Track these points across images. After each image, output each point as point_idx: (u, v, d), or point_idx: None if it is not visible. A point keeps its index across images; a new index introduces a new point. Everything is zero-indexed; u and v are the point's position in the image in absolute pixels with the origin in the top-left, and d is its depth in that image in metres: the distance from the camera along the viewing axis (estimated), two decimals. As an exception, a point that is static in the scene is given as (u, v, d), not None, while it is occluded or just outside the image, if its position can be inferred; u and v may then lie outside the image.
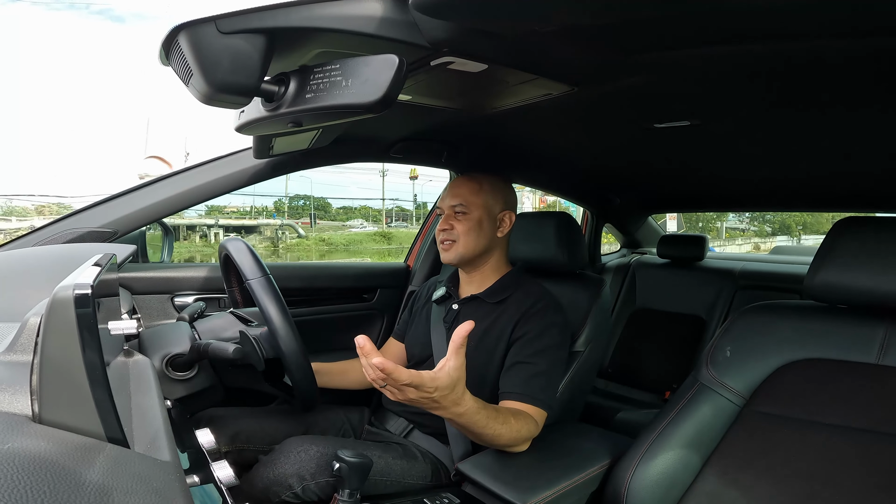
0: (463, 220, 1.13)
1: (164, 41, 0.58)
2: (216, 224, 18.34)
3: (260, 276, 0.91)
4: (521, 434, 0.92)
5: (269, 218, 23.14)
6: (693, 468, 0.86)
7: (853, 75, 0.77)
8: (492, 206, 1.15)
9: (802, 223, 24.06)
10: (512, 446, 0.93)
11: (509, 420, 0.90)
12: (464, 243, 1.13)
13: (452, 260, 1.15)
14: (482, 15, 0.64)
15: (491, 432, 0.87)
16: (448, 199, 1.16)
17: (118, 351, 0.68)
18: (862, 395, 0.79)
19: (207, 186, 1.24)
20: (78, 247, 1.07)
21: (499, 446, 0.92)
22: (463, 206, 1.14)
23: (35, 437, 0.35)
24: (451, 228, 1.14)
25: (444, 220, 1.16)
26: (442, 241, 1.15)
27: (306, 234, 18.36)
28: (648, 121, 1.12)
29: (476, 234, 1.13)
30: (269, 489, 0.92)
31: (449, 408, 0.80)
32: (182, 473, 0.43)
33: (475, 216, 1.13)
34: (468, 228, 1.13)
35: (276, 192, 27.53)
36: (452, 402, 0.79)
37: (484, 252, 1.16)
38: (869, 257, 0.80)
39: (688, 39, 0.69)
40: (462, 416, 0.82)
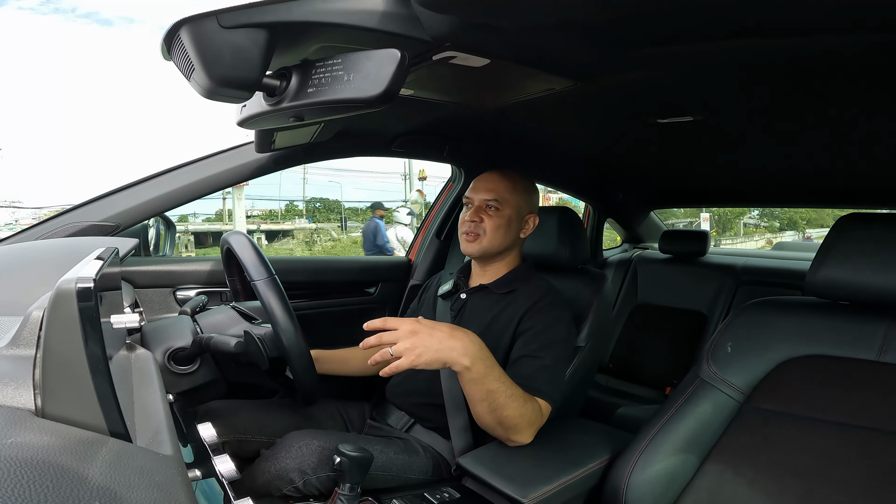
0: (494, 216, 1.12)
1: (166, 36, 0.58)
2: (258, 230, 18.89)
3: (266, 276, 0.92)
4: (528, 411, 0.92)
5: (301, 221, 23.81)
6: (693, 464, 0.86)
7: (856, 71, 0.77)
8: (522, 207, 1.15)
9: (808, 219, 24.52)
10: (518, 426, 0.92)
11: (518, 391, 0.91)
12: (490, 239, 1.13)
13: (474, 253, 1.15)
14: (484, 9, 0.64)
15: (504, 390, 0.88)
16: (482, 192, 1.14)
17: (120, 345, 0.68)
18: (862, 393, 0.79)
19: (209, 180, 1.23)
20: (80, 240, 1.07)
21: (508, 418, 0.90)
22: (497, 202, 1.12)
23: (38, 431, 0.35)
24: (480, 221, 1.13)
25: (473, 211, 1.14)
26: (467, 231, 1.14)
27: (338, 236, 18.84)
28: (651, 116, 1.12)
29: (504, 232, 1.13)
30: (271, 483, 0.93)
31: (460, 338, 0.83)
32: (184, 467, 0.44)
33: (506, 214, 1.13)
34: (497, 225, 1.12)
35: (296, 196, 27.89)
36: (453, 329, 0.84)
37: (505, 250, 1.16)
38: (871, 254, 0.80)
39: (690, 34, 0.68)
40: (481, 355, 0.85)
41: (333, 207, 32.65)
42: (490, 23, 0.67)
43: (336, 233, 19.63)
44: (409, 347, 0.79)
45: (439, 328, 0.83)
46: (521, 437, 0.94)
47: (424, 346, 0.80)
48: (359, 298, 1.65)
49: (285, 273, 1.18)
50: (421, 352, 0.79)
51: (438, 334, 0.82)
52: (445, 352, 0.81)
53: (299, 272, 1.53)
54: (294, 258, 1.61)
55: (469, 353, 0.83)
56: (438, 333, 0.82)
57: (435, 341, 0.81)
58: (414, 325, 0.81)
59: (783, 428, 0.82)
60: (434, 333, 0.81)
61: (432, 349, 0.80)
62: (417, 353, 0.79)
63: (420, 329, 0.81)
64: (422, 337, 0.80)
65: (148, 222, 1.35)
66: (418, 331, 0.80)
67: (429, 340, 0.80)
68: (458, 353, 0.82)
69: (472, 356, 0.83)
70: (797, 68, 0.78)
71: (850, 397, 0.80)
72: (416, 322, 0.82)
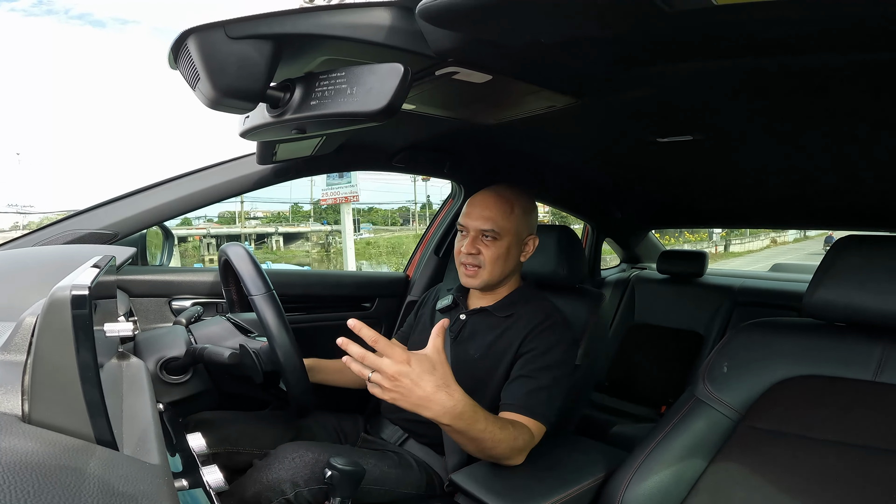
0: (492, 247, 1.06)
1: (173, 45, 0.59)
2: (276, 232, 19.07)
3: (263, 291, 0.92)
4: (518, 444, 0.90)
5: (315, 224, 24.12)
6: (687, 483, 0.86)
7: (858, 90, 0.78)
8: (521, 231, 1.09)
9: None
10: (509, 458, 0.91)
11: (507, 427, 0.88)
12: (489, 271, 1.07)
13: (476, 286, 1.10)
14: (488, 26, 0.65)
15: (490, 437, 0.84)
16: (477, 220, 1.07)
17: (113, 353, 0.68)
18: (858, 412, 0.79)
19: (210, 191, 1.24)
20: (77, 248, 1.07)
21: (497, 456, 0.90)
22: (494, 233, 1.06)
23: (23, 436, 0.35)
24: (477, 253, 1.07)
25: (469, 242, 1.07)
26: (465, 264, 1.09)
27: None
28: (651, 135, 1.13)
29: (504, 261, 1.07)
30: (262, 494, 0.91)
31: (441, 400, 0.76)
32: (170, 477, 0.43)
33: (505, 243, 1.06)
34: (496, 256, 1.06)
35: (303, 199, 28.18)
36: (438, 388, 0.75)
37: (507, 276, 1.12)
38: (868, 276, 0.80)
39: (691, 53, 0.69)
40: (461, 416, 0.78)
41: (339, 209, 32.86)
42: (493, 39, 0.68)
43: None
44: (387, 388, 0.74)
45: (424, 383, 0.75)
46: (511, 462, 0.93)
47: (402, 395, 0.74)
48: (356, 314, 1.64)
49: (282, 286, 1.17)
50: (397, 398, 0.75)
51: (419, 391, 0.75)
52: (422, 409, 0.76)
53: (296, 286, 1.52)
54: (291, 271, 1.60)
55: (449, 414, 0.77)
56: (420, 390, 0.75)
57: (414, 396, 0.75)
58: (402, 367, 0.74)
59: (778, 447, 0.82)
60: (416, 388, 0.74)
61: (409, 401, 0.75)
62: (393, 396, 0.75)
63: (406, 375, 0.74)
64: (403, 385, 0.74)
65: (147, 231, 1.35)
66: (403, 377, 0.74)
67: (409, 392, 0.74)
68: (435, 414, 0.77)
69: (452, 417, 0.78)
70: (797, 87, 0.79)
71: (845, 416, 0.79)
72: (405, 363, 0.74)
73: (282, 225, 22.47)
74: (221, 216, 26.46)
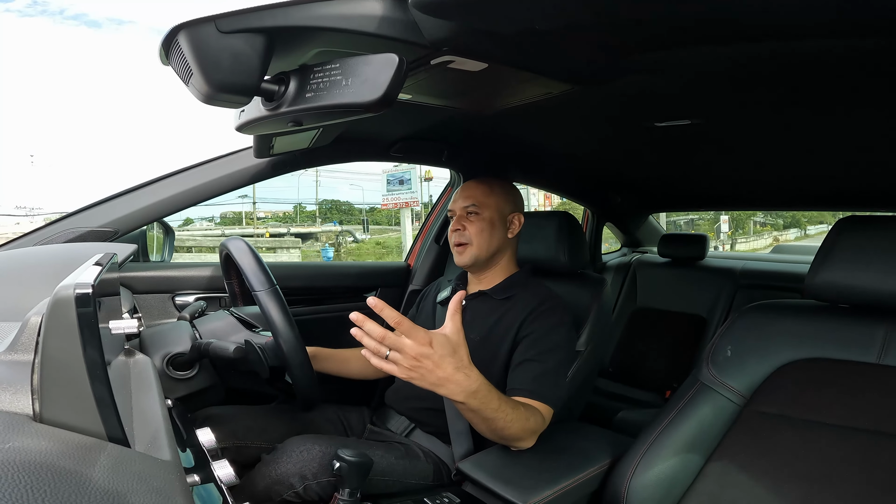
0: (475, 221, 1.15)
1: (164, 41, 0.58)
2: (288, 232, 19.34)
3: (267, 287, 0.92)
4: (530, 425, 0.91)
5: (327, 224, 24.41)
6: (693, 468, 0.86)
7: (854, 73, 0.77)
8: (502, 208, 1.17)
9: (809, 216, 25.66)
10: (520, 439, 0.92)
11: (519, 407, 0.90)
12: (477, 244, 1.14)
13: (467, 263, 1.16)
14: (482, 14, 0.64)
15: (503, 416, 0.85)
16: (459, 201, 1.18)
17: (119, 350, 0.68)
18: (863, 396, 0.79)
19: (208, 185, 1.24)
20: (78, 246, 1.07)
21: (509, 437, 0.90)
22: (475, 207, 1.15)
23: (36, 436, 0.35)
24: (463, 230, 1.15)
25: (455, 221, 1.17)
26: (456, 243, 1.17)
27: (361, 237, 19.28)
28: (649, 119, 1.12)
29: (489, 235, 1.15)
30: (271, 488, 0.92)
31: (459, 380, 0.77)
32: (183, 473, 0.43)
33: (487, 216, 1.15)
34: (480, 229, 1.15)
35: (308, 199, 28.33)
36: (457, 369, 0.77)
37: (496, 253, 1.17)
38: (870, 257, 0.80)
39: (687, 38, 0.69)
40: (476, 394, 0.80)
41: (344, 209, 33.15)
42: (488, 27, 0.67)
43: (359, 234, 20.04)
44: (406, 368, 0.75)
45: (445, 365, 0.76)
46: (523, 444, 0.94)
47: (421, 375, 0.76)
48: (358, 304, 1.65)
49: (284, 279, 1.18)
50: (415, 377, 0.76)
51: (440, 372, 0.76)
52: (439, 388, 0.78)
53: (298, 278, 1.53)
54: (293, 264, 1.61)
55: (465, 392, 0.79)
56: (441, 371, 0.76)
57: (433, 377, 0.76)
58: (424, 349, 0.74)
59: (783, 432, 0.82)
60: (437, 370, 0.76)
61: (428, 381, 0.77)
62: (411, 376, 0.76)
63: (428, 357, 0.75)
64: (424, 367, 0.75)
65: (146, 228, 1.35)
66: (425, 358, 0.75)
67: (428, 374, 0.76)
68: (451, 392, 0.79)
69: (468, 395, 0.80)
70: (794, 71, 0.78)
71: (850, 400, 0.79)
72: (427, 345, 0.75)
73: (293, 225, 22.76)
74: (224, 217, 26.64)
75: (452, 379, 0.77)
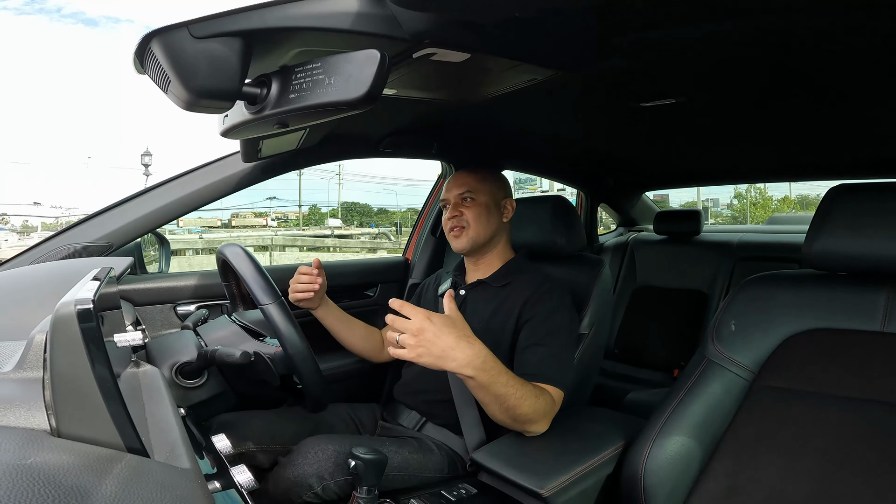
0: (472, 206, 1.17)
1: (137, 49, 0.57)
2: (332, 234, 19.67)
3: (272, 301, 0.92)
4: (541, 405, 0.92)
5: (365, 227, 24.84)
6: (708, 446, 0.85)
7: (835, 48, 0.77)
8: (496, 193, 1.20)
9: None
10: (532, 420, 0.92)
11: (527, 384, 0.91)
12: (474, 228, 1.16)
13: (465, 247, 1.17)
14: (460, 4, 0.64)
15: (514, 392, 0.87)
16: (453, 189, 1.20)
17: (127, 362, 0.69)
18: (870, 366, 0.78)
19: (198, 193, 1.23)
20: (75, 262, 1.07)
21: (521, 417, 0.90)
22: (470, 193, 1.17)
23: (56, 450, 0.36)
24: (460, 215, 1.17)
25: (451, 208, 1.19)
26: (452, 228, 1.18)
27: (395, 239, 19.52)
28: (634, 100, 1.12)
29: (486, 219, 1.17)
30: (291, 490, 0.93)
31: (463, 349, 0.81)
32: (203, 480, 0.44)
33: (482, 201, 1.17)
34: (477, 213, 1.16)
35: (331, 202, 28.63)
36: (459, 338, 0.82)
37: (492, 237, 1.19)
38: (863, 223, 0.80)
39: (667, 19, 0.69)
40: (483, 366, 0.83)
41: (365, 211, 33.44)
42: (467, 17, 0.67)
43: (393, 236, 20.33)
44: (412, 344, 0.80)
45: (446, 335, 0.81)
46: (537, 427, 0.94)
47: (426, 348, 0.80)
48: (360, 301, 1.65)
49: (284, 281, 1.18)
50: (422, 352, 0.80)
51: (442, 342, 0.80)
52: (447, 360, 0.81)
53: None
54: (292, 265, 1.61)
55: (472, 365, 0.82)
56: (442, 341, 0.80)
57: (437, 348, 0.80)
58: (423, 322, 0.80)
59: (796, 406, 0.81)
60: (438, 340, 0.80)
61: (433, 354, 0.80)
62: (418, 352, 0.80)
63: (426, 329, 0.80)
64: (426, 338, 0.80)
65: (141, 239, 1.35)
66: (424, 330, 0.80)
67: (431, 345, 0.80)
68: (459, 364, 0.82)
69: (475, 367, 0.82)
70: (775, 47, 0.79)
71: (859, 371, 0.79)
72: (426, 320, 0.80)
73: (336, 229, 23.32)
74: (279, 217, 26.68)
75: (456, 348, 0.81)
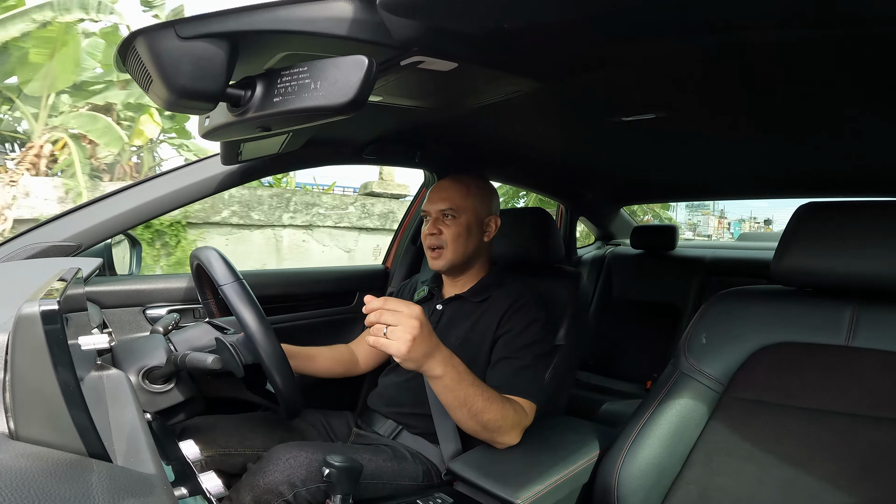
0: (452, 225, 1.12)
1: (121, 47, 0.57)
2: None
3: (232, 280, 0.90)
4: (509, 413, 0.92)
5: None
6: (680, 456, 0.87)
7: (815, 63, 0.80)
8: (479, 210, 1.15)
9: None
10: (502, 429, 0.93)
11: (496, 393, 0.91)
12: (453, 250, 1.12)
13: (442, 268, 1.15)
14: (448, 13, 0.65)
15: (481, 394, 0.88)
16: (436, 202, 1.14)
17: (91, 366, 0.66)
18: (835, 379, 0.81)
19: (174, 195, 1.20)
20: (41, 262, 1.03)
21: (489, 424, 0.91)
22: (452, 211, 1.12)
23: (14, 454, 0.35)
24: (439, 234, 1.13)
25: (431, 223, 1.14)
26: (430, 246, 1.14)
27: None
28: (615, 114, 1.14)
29: (465, 240, 1.12)
30: (261, 498, 0.90)
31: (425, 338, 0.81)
32: (169, 486, 0.43)
33: (464, 221, 1.12)
34: (457, 234, 1.12)
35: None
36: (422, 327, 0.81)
37: (471, 258, 1.16)
38: (831, 240, 0.82)
39: (649, 33, 0.71)
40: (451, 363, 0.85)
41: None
42: (455, 27, 0.68)
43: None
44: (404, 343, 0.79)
45: (428, 342, 0.82)
46: (507, 438, 0.95)
47: (395, 335, 0.80)
48: (337, 309, 1.63)
49: (259, 287, 1.16)
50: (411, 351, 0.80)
51: (425, 347, 0.82)
52: (434, 354, 0.83)
53: (273, 286, 1.50)
54: (267, 271, 1.58)
55: (448, 362, 0.85)
56: (426, 347, 0.82)
57: (421, 354, 0.82)
58: (418, 330, 0.80)
59: (762, 416, 0.84)
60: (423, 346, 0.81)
61: (422, 349, 0.81)
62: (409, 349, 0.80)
63: (419, 337, 0.80)
64: (417, 346, 0.80)
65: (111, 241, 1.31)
66: (417, 338, 0.80)
67: (419, 352, 0.81)
68: (443, 357, 0.85)
69: (445, 366, 0.85)
70: (753, 61, 0.81)
71: (824, 384, 0.81)
72: (421, 327, 0.80)
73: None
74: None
75: (420, 336, 0.80)
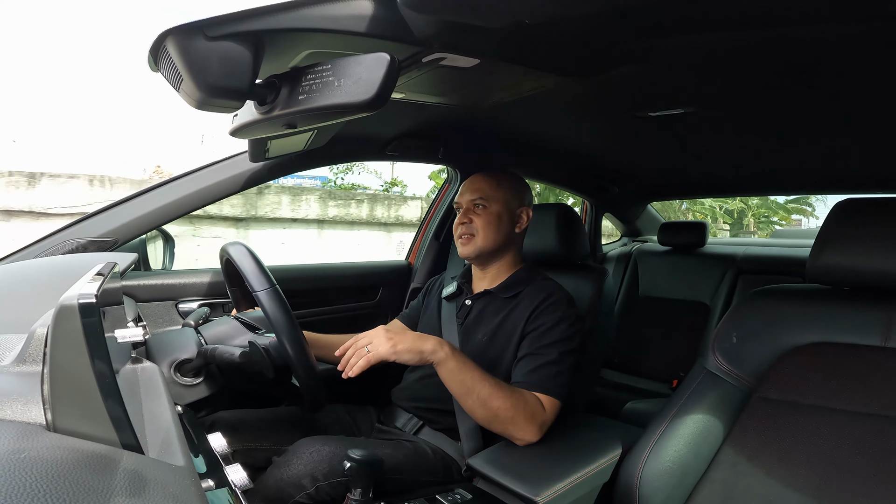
0: (482, 214, 1.14)
1: (152, 48, 0.58)
2: None
3: (267, 287, 0.92)
4: (521, 407, 0.93)
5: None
6: (705, 456, 0.85)
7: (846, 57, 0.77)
8: (510, 202, 1.16)
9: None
10: (514, 421, 0.93)
11: (503, 385, 0.95)
12: (483, 237, 1.14)
13: (471, 254, 1.16)
14: (470, 9, 0.64)
15: (487, 381, 0.93)
16: (467, 193, 1.17)
17: (126, 358, 0.69)
18: (870, 380, 0.78)
19: (205, 192, 1.24)
20: (79, 257, 1.07)
21: (504, 418, 0.93)
22: (483, 200, 1.14)
23: (50, 445, 0.36)
24: (470, 222, 1.14)
25: (462, 214, 1.17)
26: (460, 234, 1.16)
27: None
28: (642, 109, 1.12)
29: (495, 229, 1.14)
30: (283, 490, 0.92)
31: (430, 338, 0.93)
32: (197, 478, 0.44)
33: (494, 210, 1.14)
34: (487, 222, 1.14)
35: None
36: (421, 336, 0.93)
37: (501, 247, 1.16)
38: (870, 239, 0.79)
39: (677, 26, 0.69)
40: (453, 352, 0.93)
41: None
42: (476, 23, 0.67)
43: None
44: (384, 341, 0.90)
45: (407, 333, 0.94)
46: (524, 433, 0.94)
47: (400, 339, 0.91)
48: (361, 304, 1.65)
49: (286, 282, 1.18)
50: (396, 342, 0.90)
51: (409, 336, 0.93)
52: (419, 347, 0.91)
53: (300, 280, 1.53)
54: (295, 266, 1.61)
55: (442, 349, 0.92)
56: (409, 335, 0.93)
57: (408, 340, 0.91)
58: (388, 331, 0.92)
59: (793, 417, 0.81)
60: (405, 336, 0.92)
61: (406, 344, 0.91)
62: (393, 343, 0.90)
63: (393, 333, 0.92)
64: (398, 338, 0.91)
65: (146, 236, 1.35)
66: (392, 334, 0.91)
67: (405, 342, 0.91)
68: (430, 351, 0.92)
69: (446, 351, 0.92)
70: (784, 56, 0.78)
71: (858, 385, 0.78)
72: (388, 329, 0.92)
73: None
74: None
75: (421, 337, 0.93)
